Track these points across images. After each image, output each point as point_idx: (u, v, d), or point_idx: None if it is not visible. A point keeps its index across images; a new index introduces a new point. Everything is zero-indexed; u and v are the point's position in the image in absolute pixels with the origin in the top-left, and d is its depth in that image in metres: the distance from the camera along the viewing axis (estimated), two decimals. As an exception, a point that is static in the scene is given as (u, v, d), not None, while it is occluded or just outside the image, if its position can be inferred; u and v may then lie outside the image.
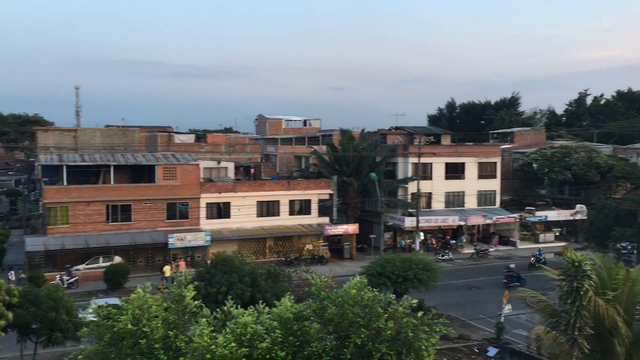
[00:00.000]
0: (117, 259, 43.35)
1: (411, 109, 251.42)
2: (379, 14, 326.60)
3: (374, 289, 15.25)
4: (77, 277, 40.68)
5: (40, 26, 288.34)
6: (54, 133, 64.31)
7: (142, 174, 49.56)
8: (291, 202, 51.23)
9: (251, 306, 15.31)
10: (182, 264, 43.29)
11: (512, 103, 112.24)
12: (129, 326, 13.12)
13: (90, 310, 14.95)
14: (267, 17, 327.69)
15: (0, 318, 20.27)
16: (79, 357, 13.64)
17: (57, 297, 22.79)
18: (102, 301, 17.39)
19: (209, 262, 40.69)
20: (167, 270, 41.43)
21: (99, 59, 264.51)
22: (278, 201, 50.62)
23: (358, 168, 54.95)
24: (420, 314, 14.80)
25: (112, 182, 46.60)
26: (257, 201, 49.75)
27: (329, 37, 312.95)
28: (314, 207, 52.09)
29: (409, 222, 52.77)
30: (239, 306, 14.95)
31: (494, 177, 59.23)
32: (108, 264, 42.09)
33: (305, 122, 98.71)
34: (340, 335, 14.10)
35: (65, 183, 45.20)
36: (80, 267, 42.72)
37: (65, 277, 40.00)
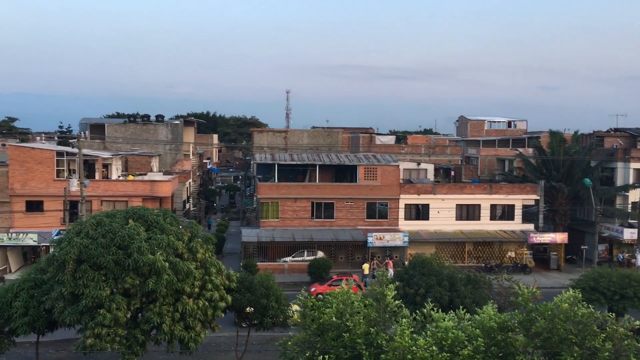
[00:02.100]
0: (320, 254, 45.63)
1: (635, 109, 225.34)
2: (599, 5, 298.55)
3: (589, 305, 13.96)
4: None
5: (257, 37, 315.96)
6: (267, 134, 70.02)
7: (344, 173, 51.60)
8: (493, 207, 49.23)
9: (451, 311, 15.00)
10: (390, 263, 43.72)
11: None
12: (333, 319, 13.69)
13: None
14: (472, 14, 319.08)
15: (221, 300, 22.54)
16: (289, 343, 14.59)
17: (268, 285, 24.67)
18: None
19: (406, 262, 40.92)
20: (366, 268, 42.49)
21: (307, 65, 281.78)
22: (479, 205, 48.99)
23: (569, 173, 50.84)
24: (645, 338, 13.18)
25: (317, 180, 49.24)
26: (457, 204, 48.69)
27: (539, 32, 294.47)
28: (518, 212, 49.40)
29: (629, 234, 47.34)
30: (438, 310, 14.75)
31: None
32: (312, 257, 44.53)
33: (509, 123, 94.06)
34: (549, 351, 13.15)
35: (276, 180, 48.91)
36: (287, 258, 45.83)
37: None
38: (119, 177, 48.92)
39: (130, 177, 48.11)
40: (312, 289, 36.88)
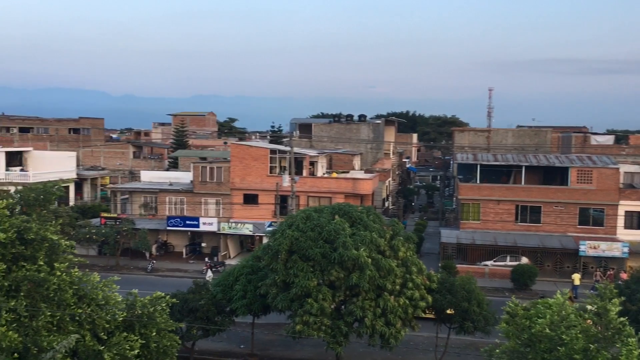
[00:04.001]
0: (524, 260, 43.14)
1: None
2: None
3: None
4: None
5: (458, 34, 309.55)
6: (468, 133, 68.17)
7: (553, 175, 48.16)
8: None
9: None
10: (623, 275, 39.44)
11: None
12: (547, 330, 12.79)
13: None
14: None
15: (422, 299, 22.51)
16: (496, 350, 13.99)
17: (470, 288, 23.99)
18: None
19: (625, 275, 36.74)
20: (577, 278, 39.14)
21: (511, 61, 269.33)
22: None
23: None
24: None
25: (522, 182, 46.65)
26: (691, 214, 42.51)
27: None
28: None
29: None
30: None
31: None
32: (515, 263, 42.30)
33: None
34: None
35: (478, 181, 47.39)
36: (488, 263, 44.12)
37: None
38: (323, 174, 51.46)
39: (334, 175, 50.31)
40: None
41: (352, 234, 22.06)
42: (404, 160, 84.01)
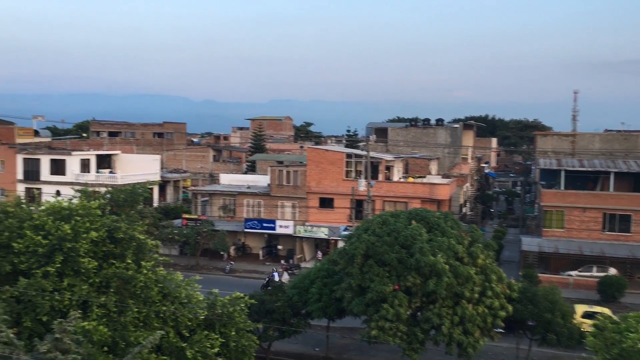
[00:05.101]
0: (612, 271, 40.96)
1: None
2: None
3: None
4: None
5: (541, 34, 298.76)
6: (552, 138, 65.51)
7: (645, 182, 45.44)
8: None
9: None
10: None
11: None
12: (639, 346, 12.08)
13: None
14: None
15: (501, 309, 21.84)
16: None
17: (553, 299, 23.06)
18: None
19: None
20: (671, 292, 36.79)
21: (598, 62, 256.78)
22: None
23: None
24: None
25: (610, 189, 44.36)
26: None
27: None
28: None
29: None
30: None
31: None
32: (602, 274, 40.26)
33: None
34: None
35: (562, 188, 45.48)
36: (572, 273, 42.21)
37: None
38: (399, 179, 51.01)
39: (411, 180, 49.78)
40: None
41: (429, 240, 21.76)
42: (482, 165, 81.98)
